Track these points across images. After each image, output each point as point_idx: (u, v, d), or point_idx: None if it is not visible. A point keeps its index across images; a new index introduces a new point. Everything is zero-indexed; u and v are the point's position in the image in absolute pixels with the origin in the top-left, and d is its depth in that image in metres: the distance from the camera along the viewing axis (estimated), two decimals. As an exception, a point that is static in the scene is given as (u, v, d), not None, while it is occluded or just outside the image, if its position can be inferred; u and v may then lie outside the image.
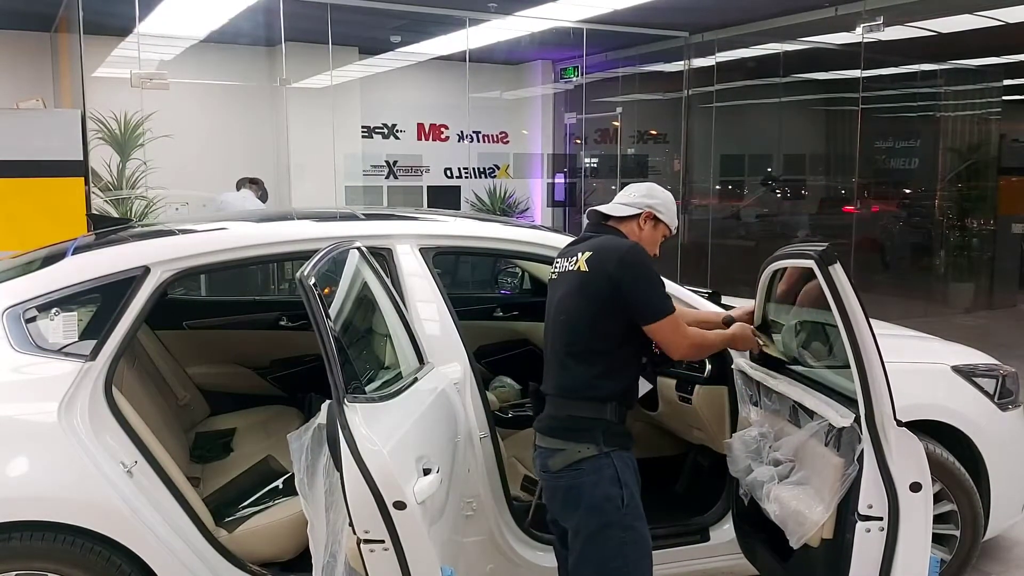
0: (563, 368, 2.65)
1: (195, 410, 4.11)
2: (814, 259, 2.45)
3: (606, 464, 2.56)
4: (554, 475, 2.63)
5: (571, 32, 9.68)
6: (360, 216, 3.72)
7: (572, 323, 2.64)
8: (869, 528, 2.43)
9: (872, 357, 2.37)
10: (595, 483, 2.55)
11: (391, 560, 2.16)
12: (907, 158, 11.72)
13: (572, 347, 2.63)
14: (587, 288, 2.60)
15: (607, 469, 2.56)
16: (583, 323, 2.61)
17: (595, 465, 2.56)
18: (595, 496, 2.55)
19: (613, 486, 2.55)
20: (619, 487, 2.55)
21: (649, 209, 2.77)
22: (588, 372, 2.61)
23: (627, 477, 2.58)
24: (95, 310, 2.79)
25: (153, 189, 8.48)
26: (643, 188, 2.82)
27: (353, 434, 2.13)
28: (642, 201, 2.78)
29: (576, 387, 2.62)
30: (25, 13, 8.55)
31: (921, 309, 9.66)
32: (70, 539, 2.57)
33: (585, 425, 2.59)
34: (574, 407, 2.62)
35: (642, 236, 2.77)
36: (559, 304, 2.70)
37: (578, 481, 2.57)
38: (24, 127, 6.12)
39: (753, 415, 2.98)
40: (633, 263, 2.58)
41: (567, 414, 2.63)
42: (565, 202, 11.94)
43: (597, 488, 2.54)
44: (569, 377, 2.64)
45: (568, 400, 2.64)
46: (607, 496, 2.54)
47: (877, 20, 7.94)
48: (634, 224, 2.78)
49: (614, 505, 2.54)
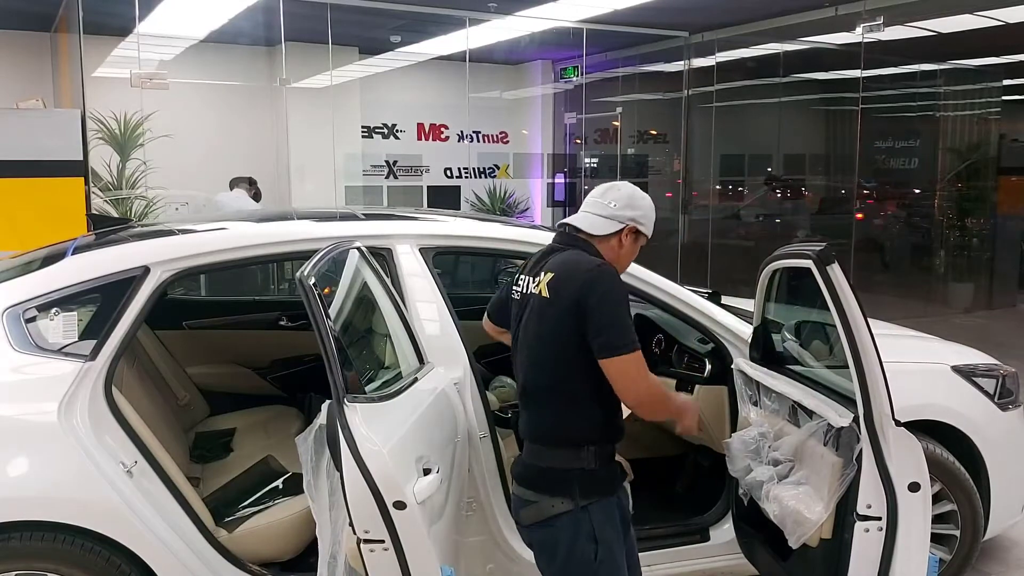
0: (532, 409, 2.42)
1: (195, 410, 4.11)
2: (812, 259, 2.45)
3: (583, 519, 2.31)
4: (526, 528, 2.44)
5: (571, 32, 9.68)
6: (360, 216, 3.72)
7: (535, 360, 2.37)
8: (868, 528, 2.43)
9: (870, 357, 2.37)
10: (572, 539, 2.32)
11: (391, 560, 2.16)
12: (907, 158, 11.72)
13: (537, 386, 2.38)
14: (548, 320, 2.31)
15: (584, 524, 2.32)
16: (547, 361, 2.34)
17: (571, 520, 2.32)
18: (571, 553, 2.33)
19: (588, 543, 2.32)
20: (594, 543, 2.32)
21: (632, 223, 2.42)
22: (557, 413, 2.36)
23: (606, 533, 2.34)
24: (95, 310, 2.79)
25: (153, 189, 8.48)
26: (623, 196, 2.43)
27: (353, 434, 2.13)
28: (623, 214, 2.41)
29: (547, 431, 2.38)
30: (25, 13, 8.55)
31: (920, 309, 9.66)
32: (70, 539, 2.57)
33: (559, 477, 2.33)
34: (547, 455, 2.36)
35: (622, 253, 2.44)
36: (522, 337, 2.43)
37: (553, 538, 2.35)
38: (24, 127, 6.12)
39: (753, 415, 2.98)
40: (600, 287, 2.26)
41: (541, 464, 2.37)
42: (565, 202, 11.94)
43: (575, 544, 2.32)
44: (539, 419, 2.40)
45: (541, 447, 2.38)
46: (582, 552, 2.32)
47: (877, 20, 7.95)
48: (614, 240, 2.42)
49: (587, 559, 2.32)
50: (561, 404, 2.36)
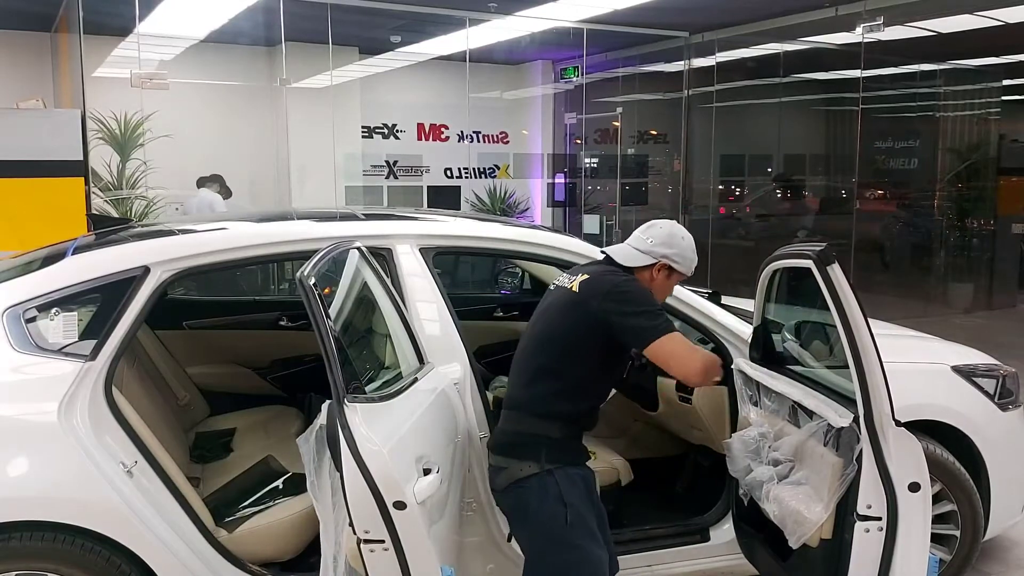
0: (524, 381, 2.62)
1: (195, 410, 4.11)
2: (812, 259, 2.45)
3: (549, 482, 2.51)
4: (499, 494, 2.63)
5: (571, 32, 9.68)
6: (360, 216, 3.72)
7: (548, 336, 2.60)
8: (868, 528, 2.43)
9: (871, 357, 2.37)
10: (540, 500, 2.51)
11: (391, 560, 2.16)
12: (907, 158, 11.72)
13: (540, 361, 2.59)
14: (572, 309, 2.55)
15: (551, 487, 2.50)
16: (558, 341, 2.57)
17: (538, 483, 2.52)
18: (540, 514, 2.51)
19: (556, 504, 2.49)
20: (562, 505, 2.49)
21: (664, 259, 2.64)
22: (548, 390, 2.56)
23: (572, 496, 2.51)
24: (95, 310, 2.79)
25: (153, 189, 8.48)
26: (662, 233, 2.65)
27: (353, 434, 2.13)
28: (658, 250, 2.63)
29: (529, 402, 2.58)
30: (25, 13, 8.55)
31: (920, 309, 9.66)
32: (70, 539, 2.57)
33: (527, 441, 2.55)
34: (520, 422, 2.58)
35: (653, 286, 2.65)
36: (541, 314, 2.67)
37: (523, 499, 2.54)
38: (24, 127, 6.12)
39: (753, 415, 2.98)
40: (627, 288, 2.52)
41: (513, 429, 2.60)
42: (565, 202, 11.94)
43: (543, 505, 2.50)
44: (527, 392, 2.60)
45: (518, 414, 2.60)
46: (552, 514, 2.49)
47: (877, 20, 7.95)
48: (646, 273, 2.65)
49: (558, 523, 2.49)
50: (555, 382, 2.56)
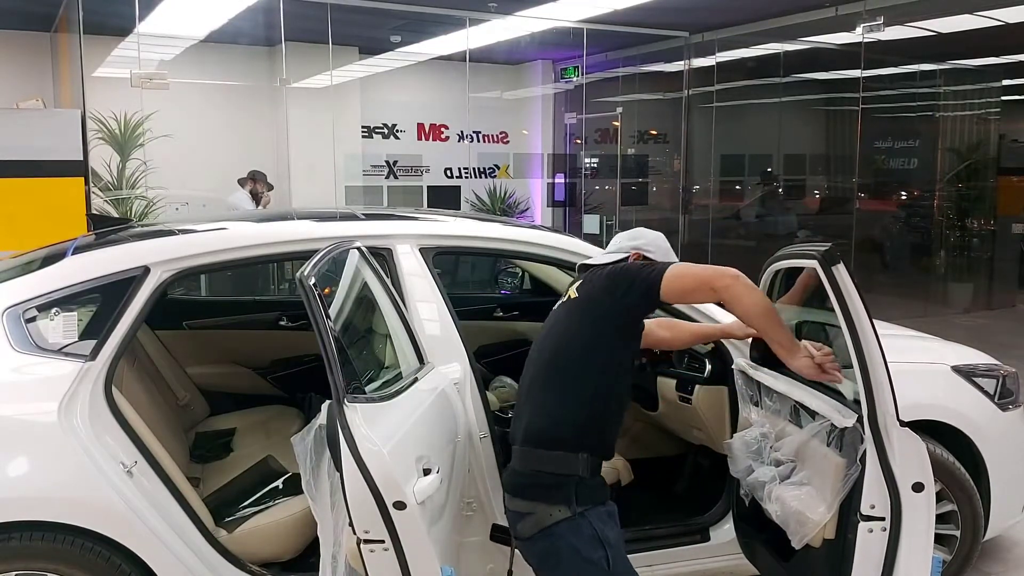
0: (535, 403, 2.46)
1: (195, 410, 4.11)
2: (817, 259, 2.45)
3: (582, 524, 2.32)
4: (525, 542, 2.41)
5: (571, 32, 9.68)
6: (360, 216, 3.72)
7: (560, 350, 2.46)
8: (871, 528, 2.43)
9: (875, 358, 2.37)
10: (574, 548, 2.31)
11: (391, 560, 2.15)
12: (906, 158, 11.72)
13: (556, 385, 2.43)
14: (576, 309, 2.47)
15: (584, 528, 2.32)
16: (573, 350, 2.42)
17: (571, 527, 2.32)
18: (576, 562, 2.31)
19: (595, 548, 2.31)
20: (602, 548, 2.31)
21: (636, 250, 2.60)
22: (560, 408, 2.39)
23: (608, 534, 2.33)
24: (95, 310, 2.78)
25: (153, 189, 8.48)
26: (627, 235, 2.68)
27: (353, 434, 2.13)
28: (627, 244, 2.62)
29: (544, 428, 2.39)
30: (25, 13, 8.55)
31: (920, 309, 9.66)
32: (70, 539, 2.57)
33: (554, 482, 2.35)
34: (543, 461, 2.37)
35: None
36: (545, 338, 2.54)
37: (556, 547, 2.33)
38: (24, 127, 6.13)
39: (754, 415, 2.97)
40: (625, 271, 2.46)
41: (533, 469, 2.39)
42: (565, 202, 11.94)
43: (580, 553, 2.31)
44: (539, 415, 2.43)
45: (535, 450, 2.39)
46: (590, 560, 2.30)
47: (877, 20, 7.95)
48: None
49: (600, 568, 2.31)
50: (567, 400, 2.40)
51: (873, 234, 11.29)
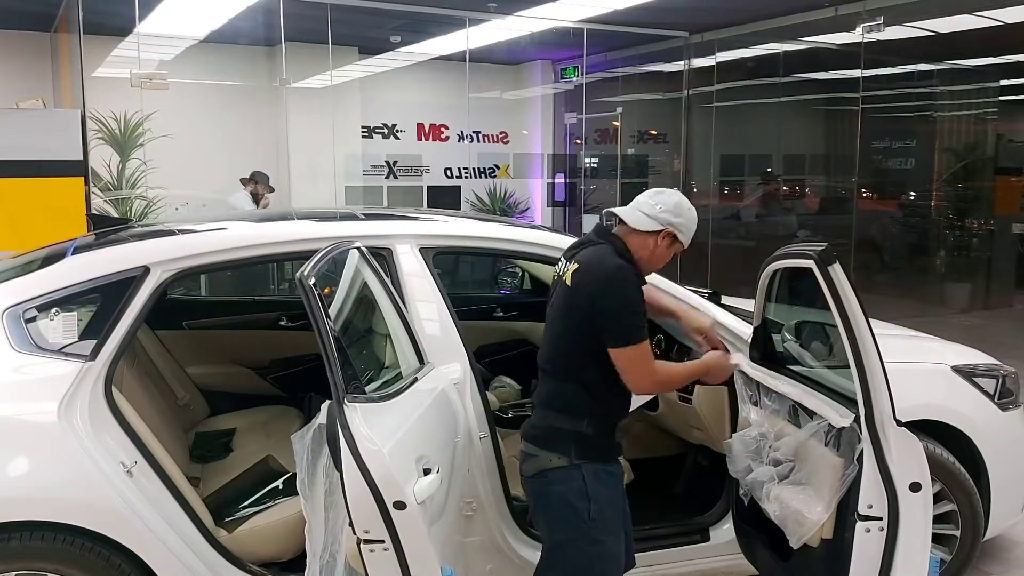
0: (547, 381, 2.66)
1: (195, 410, 4.11)
2: (813, 259, 2.45)
3: (575, 476, 2.52)
4: (526, 480, 2.66)
5: (571, 32, 9.68)
6: (360, 216, 3.72)
7: (557, 341, 2.62)
8: (869, 528, 2.43)
9: (872, 357, 2.37)
10: (562, 493, 2.53)
11: (391, 560, 2.16)
12: (904, 158, 11.72)
13: (555, 364, 2.61)
14: (570, 308, 2.56)
15: (575, 481, 2.52)
16: (565, 343, 2.58)
17: (563, 475, 2.53)
18: (560, 506, 2.54)
19: (580, 499, 2.51)
20: (586, 500, 2.51)
21: (671, 228, 2.59)
22: (570, 390, 2.58)
23: (598, 491, 2.53)
24: (95, 310, 2.78)
25: (153, 189, 8.48)
26: (671, 202, 2.60)
27: (353, 434, 2.13)
28: (666, 218, 2.58)
29: (556, 400, 2.61)
30: (25, 13, 8.55)
31: (918, 309, 9.66)
32: (70, 539, 2.57)
33: (559, 436, 2.56)
34: (553, 417, 2.60)
35: (654, 252, 2.61)
36: (550, 316, 2.68)
37: (545, 489, 2.57)
38: (24, 127, 6.11)
39: (753, 415, 2.98)
40: (615, 288, 2.48)
41: (546, 423, 2.61)
42: (565, 202, 11.94)
43: (564, 499, 2.52)
44: (551, 391, 2.63)
45: (548, 411, 2.62)
46: (572, 507, 2.51)
47: (877, 20, 7.96)
48: (649, 239, 2.59)
49: (580, 517, 2.51)
50: (574, 383, 2.56)
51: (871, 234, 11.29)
